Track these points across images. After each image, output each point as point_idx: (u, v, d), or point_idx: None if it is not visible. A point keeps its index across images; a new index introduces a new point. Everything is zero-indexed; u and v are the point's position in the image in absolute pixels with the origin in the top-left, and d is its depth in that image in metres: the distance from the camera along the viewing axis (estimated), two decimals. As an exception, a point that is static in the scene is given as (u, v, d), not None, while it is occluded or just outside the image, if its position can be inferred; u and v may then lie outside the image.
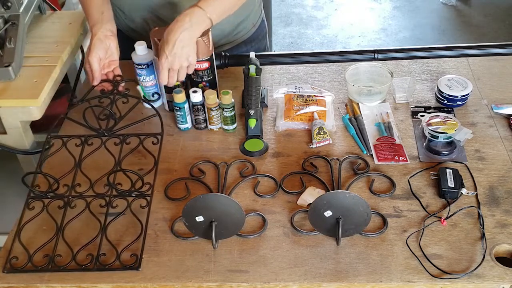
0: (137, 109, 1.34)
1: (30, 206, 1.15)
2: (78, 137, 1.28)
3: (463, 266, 1.01)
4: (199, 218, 1.04)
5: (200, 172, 1.22)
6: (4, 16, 1.48)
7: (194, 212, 1.04)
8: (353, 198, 1.03)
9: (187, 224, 1.06)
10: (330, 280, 1.00)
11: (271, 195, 1.16)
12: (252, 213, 1.12)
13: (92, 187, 1.17)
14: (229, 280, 1.01)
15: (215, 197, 1.05)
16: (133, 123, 1.30)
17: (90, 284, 1.02)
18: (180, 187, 1.19)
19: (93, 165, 1.22)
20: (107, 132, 1.27)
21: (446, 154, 1.23)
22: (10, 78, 1.39)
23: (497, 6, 3.87)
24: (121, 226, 1.12)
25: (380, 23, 3.81)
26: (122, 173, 1.16)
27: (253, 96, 1.29)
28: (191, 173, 1.22)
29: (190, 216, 1.04)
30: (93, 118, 1.29)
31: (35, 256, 1.06)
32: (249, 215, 1.12)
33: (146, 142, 1.26)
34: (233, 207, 1.04)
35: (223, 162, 1.24)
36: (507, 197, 1.13)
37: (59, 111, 1.68)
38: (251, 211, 1.13)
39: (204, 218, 1.04)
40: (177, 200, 1.16)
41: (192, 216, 1.04)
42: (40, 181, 1.20)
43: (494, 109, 1.34)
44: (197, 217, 1.04)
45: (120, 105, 1.32)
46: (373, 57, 1.52)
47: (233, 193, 1.17)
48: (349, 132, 1.31)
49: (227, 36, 1.53)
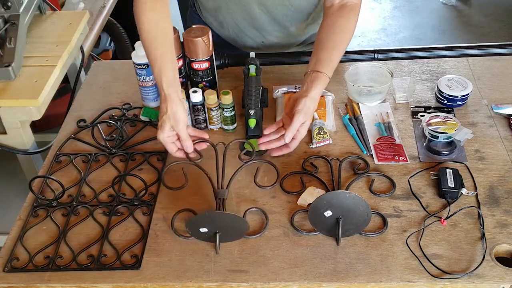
0: (143, 131, 1.36)
1: (35, 213, 1.15)
2: (85, 154, 1.29)
3: (463, 266, 1.01)
4: (203, 229, 1.04)
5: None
6: (4, 16, 1.48)
7: (198, 224, 1.04)
8: (353, 198, 1.03)
9: (191, 233, 1.07)
10: (330, 280, 1.00)
11: (272, 185, 1.17)
12: (253, 208, 1.12)
13: (96, 197, 1.18)
14: (229, 280, 1.01)
15: (219, 215, 1.05)
16: (139, 143, 1.31)
17: (90, 284, 1.02)
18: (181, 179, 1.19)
19: (98, 179, 1.23)
20: (115, 149, 1.29)
21: (446, 154, 1.23)
22: (10, 78, 1.39)
23: (497, 6, 3.86)
24: (122, 227, 1.12)
25: (380, 23, 3.81)
26: (126, 184, 1.19)
27: (253, 96, 1.29)
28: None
29: (194, 228, 1.04)
30: (99, 138, 1.32)
31: (35, 257, 1.07)
32: (250, 210, 1.12)
33: (151, 159, 1.27)
34: (237, 221, 1.04)
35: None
36: (507, 197, 1.13)
37: (59, 111, 1.69)
38: (251, 207, 1.13)
39: (208, 230, 1.04)
40: (176, 189, 1.17)
41: (196, 228, 1.04)
42: (43, 190, 1.21)
43: (494, 109, 1.34)
44: (201, 228, 1.04)
45: (128, 128, 1.36)
46: (373, 57, 1.52)
47: (233, 193, 1.17)
48: (349, 132, 1.31)
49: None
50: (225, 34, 1.54)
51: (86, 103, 1.45)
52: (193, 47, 1.29)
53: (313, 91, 1.20)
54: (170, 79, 1.17)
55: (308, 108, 1.19)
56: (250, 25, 1.46)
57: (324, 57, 1.25)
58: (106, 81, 1.52)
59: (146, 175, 1.20)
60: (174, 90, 1.17)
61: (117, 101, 1.44)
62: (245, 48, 1.55)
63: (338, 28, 1.27)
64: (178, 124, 1.16)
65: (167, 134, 1.16)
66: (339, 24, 1.28)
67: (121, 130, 1.33)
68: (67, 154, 1.29)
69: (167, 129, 1.16)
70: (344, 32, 1.28)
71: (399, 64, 1.52)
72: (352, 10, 1.29)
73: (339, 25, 1.28)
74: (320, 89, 1.22)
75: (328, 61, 1.24)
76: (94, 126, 1.34)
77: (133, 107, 1.42)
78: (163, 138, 1.16)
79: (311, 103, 1.20)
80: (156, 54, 1.18)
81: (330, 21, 1.29)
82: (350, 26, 1.29)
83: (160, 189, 1.19)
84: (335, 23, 1.28)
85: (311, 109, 1.20)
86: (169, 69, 1.18)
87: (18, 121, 1.40)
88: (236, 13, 1.44)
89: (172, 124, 1.16)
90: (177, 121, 1.16)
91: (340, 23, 1.28)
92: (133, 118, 1.38)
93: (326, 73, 1.22)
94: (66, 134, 1.35)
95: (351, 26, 1.29)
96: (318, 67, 1.23)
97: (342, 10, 1.29)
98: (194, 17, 1.58)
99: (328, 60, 1.24)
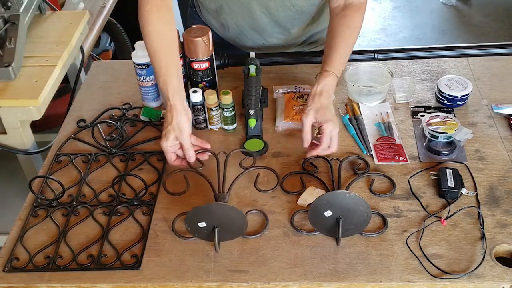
0: (143, 131, 1.36)
1: (35, 213, 1.15)
2: (85, 154, 1.29)
3: (463, 266, 1.01)
4: (202, 224, 1.04)
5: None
6: (4, 16, 1.48)
7: (197, 218, 1.04)
8: (353, 198, 1.03)
9: (189, 230, 1.06)
10: (330, 280, 1.00)
11: (272, 189, 1.17)
12: (253, 210, 1.12)
13: (96, 197, 1.18)
14: (229, 280, 1.01)
15: (218, 206, 1.05)
16: (139, 143, 1.31)
17: (90, 284, 1.02)
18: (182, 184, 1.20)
19: (98, 179, 1.23)
20: (115, 149, 1.29)
21: (446, 154, 1.23)
22: (10, 78, 1.39)
23: (497, 6, 3.86)
24: (121, 227, 1.12)
25: (380, 23, 3.81)
26: (126, 184, 1.19)
27: (253, 96, 1.29)
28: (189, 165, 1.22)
29: (192, 222, 1.04)
30: (99, 138, 1.32)
31: (35, 257, 1.07)
32: (250, 212, 1.12)
33: (151, 159, 1.27)
34: (236, 215, 1.04)
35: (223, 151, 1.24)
36: (507, 197, 1.13)
37: (59, 111, 1.69)
38: (252, 209, 1.13)
39: (206, 224, 1.04)
40: (177, 194, 1.17)
41: (195, 222, 1.04)
42: (43, 190, 1.21)
43: (494, 109, 1.34)
44: (200, 223, 1.04)
45: (128, 128, 1.37)
46: (373, 57, 1.52)
47: (233, 193, 1.17)
48: (349, 132, 1.31)
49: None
50: (225, 34, 1.54)
51: (86, 103, 1.45)
52: (193, 47, 1.29)
53: (319, 88, 1.23)
54: (176, 88, 1.18)
55: (323, 114, 1.19)
56: (251, 27, 1.46)
57: (331, 55, 1.27)
58: (106, 81, 1.52)
59: (146, 175, 1.20)
60: (179, 99, 1.19)
61: (117, 101, 1.44)
62: (245, 48, 1.55)
63: (345, 26, 1.29)
64: (182, 134, 1.17)
65: (171, 143, 1.18)
66: (345, 22, 1.30)
67: (121, 130, 1.33)
68: (67, 154, 1.29)
69: (171, 138, 1.17)
70: (351, 30, 1.30)
71: (399, 64, 1.52)
72: (358, 9, 1.31)
73: (346, 23, 1.30)
74: (328, 86, 1.23)
75: (335, 59, 1.26)
76: (94, 126, 1.34)
77: (133, 107, 1.42)
78: (166, 147, 1.18)
79: (322, 106, 1.21)
80: (160, 65, 1.19)
81: (336, 21, 1.31)
82: (356, 23, 1.31)
83: (160, 189, 1.19)
84: (342, 22, 1.30)
85: (326, 114, 1.20)
86: (174, 76, 1.19)
87: (18, 121, 1.40)
88: (237, 15, 1.44)
89: (177, 134, 1.17)
90: (181, 130, 1.17)
91: (347, 21, 1.30)
92: (133, 118, 1.38)
93: (333, 72, 1.25)
94: (66, 134, 1.35)
95: (357, 23, 1.31)
96: (325, 66, 1.26)
97: (347, 9, 1.30)
98: (194, 17, 1.58)
99: (336, 58, 1.26)
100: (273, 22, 1.44)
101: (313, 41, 1.58)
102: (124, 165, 1.26)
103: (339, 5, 1.32)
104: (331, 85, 1.24)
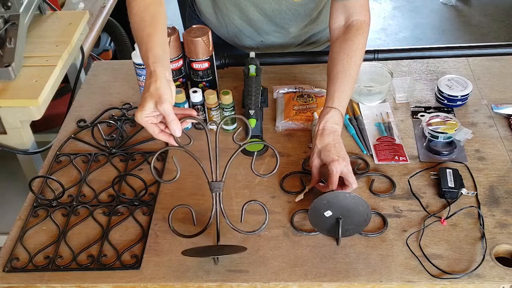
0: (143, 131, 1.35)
1: (35, 213, 1.15)
2: (85, 154, 1.29)
3: (463, 266, 1.01)
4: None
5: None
6: (4, 16, 1.48)
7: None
8: (353, 198, 1.03)
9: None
10: (330, 280, 1.00)
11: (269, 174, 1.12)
12: (252, 201, 1.09)
13: (96, 197, 1.18)
14: (229, 280, 1.01)
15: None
16: (139, 143, 1.31)
17: (90, 284, 1.02)
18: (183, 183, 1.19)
19: (98, 179, 1.23)
20: (115, 149, 1.29)
21: (446, 154, 1.23)
22: (10, 78, 1.39)
23: (497, 6, 3.87)
24: (122, 227, 1.12)
25: (380, 23, 3.81)
26: (126, 184, 1.19)
27: (253, 96, 1.29)
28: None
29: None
30: (99, 138, 1.32)
31: (35, 257, 1.07)
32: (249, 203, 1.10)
33: (151, 159, 1.26)
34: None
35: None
36: (507, 197, 1.13)
37: (59, 111, 1.69)
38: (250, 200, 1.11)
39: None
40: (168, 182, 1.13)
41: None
42: (43, 190, 1.21)
43: (494, 109, 1.34)
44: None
45: (128, 128, 1.36)
46: (373, 57, 1.52)
47: (233, 193, 1.17)
48: (349, 132, 1.31)
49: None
50: (224, 34, 1.54)
51: (86, 103, 1.45)
52: (193, 47, 1.29)
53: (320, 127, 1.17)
54: (158, 56, 1.03)
55: (327, 155, 1.12)
56: (248, 25, 1.46)
57: (331, 89, 1.20)
58: (106, 81, 1.53)
59: (146, 175, 1.20)
60: (161, 66, 1.02)
61: (117, 101, 1.44)
62: (244, 48, 1.55)
63: (345, 55, 1.21)
64: (163, 103, 0.98)
65: (147, 113, 0.99)
66: (346, 49, 1.22)
67: (121, 130, 1.33)
68: (67, 154, 1.29)
69: (148, 107, 0.98)
70: (351, 59, 1.21)
71: (399, 64, 1.52)
72: (359, 29, 1.22)
73: (346, 51, 1.21)
74: (329, 122, 1.16)
75: (335, 93, 1.19)
76: (94, 126, 1.34)
77: (133, 107, 1.42)
78: (142, 118, 0.99)
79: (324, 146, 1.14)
80: (143, 35, 1.06)
81: (337, 46, 1.24)
82: (357, 50, 1.22)
83: (160, 189, 1.19)
84: (342, 49, 1.22)
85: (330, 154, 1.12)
86: (157, 45, 1.05)
87: (18, 121, 1.40)
88: (233, 13, 1.44)
89: (156, 102, 0.98)
90: (161, 99, 0.98)
91: (347, 47, 1.22)
92: (133, 118, 1.38)
93: (334, 107, 1.18)
94: (66, 134, 1.35)
95: (359, 49, 1.22)
96: (326, 101, 1.20)
97: (348, 33, 1.23)
98: (193, 18, 1.58)
99: (336, 92, 1.19)
100: (269, 22, 1.43)
101: (313, 41, 1.57)
102: (124, 165, 1.26)
103: (339, 25, 1.25)
104: (332, 120, 1.16)
